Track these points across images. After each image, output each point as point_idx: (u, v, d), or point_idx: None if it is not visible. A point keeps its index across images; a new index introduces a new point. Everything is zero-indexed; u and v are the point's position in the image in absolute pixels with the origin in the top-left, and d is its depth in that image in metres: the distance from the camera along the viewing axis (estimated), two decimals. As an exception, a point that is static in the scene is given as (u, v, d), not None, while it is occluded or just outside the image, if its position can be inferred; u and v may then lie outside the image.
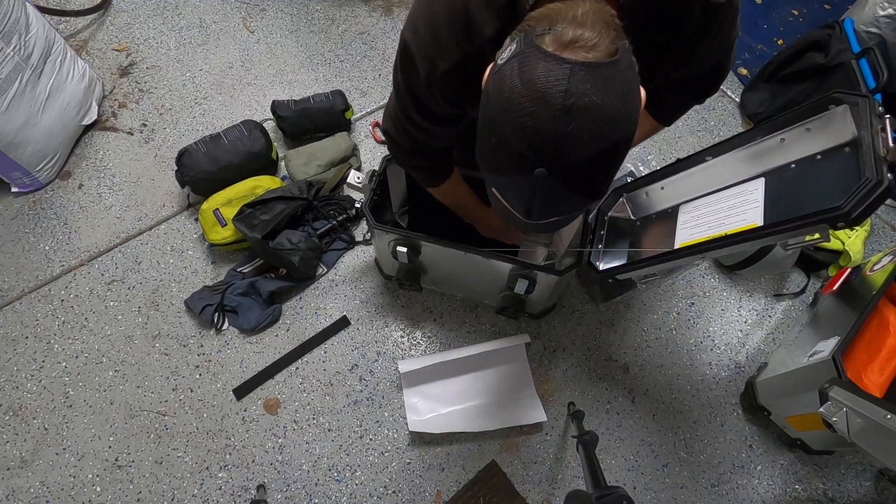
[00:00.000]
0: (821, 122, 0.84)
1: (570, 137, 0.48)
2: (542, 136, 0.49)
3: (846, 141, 0.80)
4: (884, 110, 0.74)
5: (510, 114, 0.50)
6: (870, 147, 0.72)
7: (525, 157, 0.50)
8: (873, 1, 1.56)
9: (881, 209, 1.62)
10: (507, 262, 1.08)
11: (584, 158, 0.50)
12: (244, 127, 1.47)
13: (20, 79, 1.34)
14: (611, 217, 1.21)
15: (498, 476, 1.18)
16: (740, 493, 1.20)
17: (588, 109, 0.48)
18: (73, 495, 1.13)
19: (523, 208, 0.56)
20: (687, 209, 1.05)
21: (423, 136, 0.87)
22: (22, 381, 1.24)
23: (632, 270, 1.04)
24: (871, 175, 0.68)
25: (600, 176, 0.54)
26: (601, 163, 0.52)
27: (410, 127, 0.85)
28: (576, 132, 0.48)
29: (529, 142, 0.49)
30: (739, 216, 0.90)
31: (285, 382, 1.27)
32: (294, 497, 1.15)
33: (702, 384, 1.32)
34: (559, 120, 0.48)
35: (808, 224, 0.73)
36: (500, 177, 0.56)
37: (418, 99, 0.78)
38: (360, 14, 1.92)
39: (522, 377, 1.28)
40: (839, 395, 0.91)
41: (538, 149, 0.50)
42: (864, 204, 0.67)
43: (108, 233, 1.44)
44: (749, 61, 1.93)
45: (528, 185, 0.52)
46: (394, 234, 1.11)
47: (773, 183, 0.90)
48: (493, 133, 0.52)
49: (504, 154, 0.52)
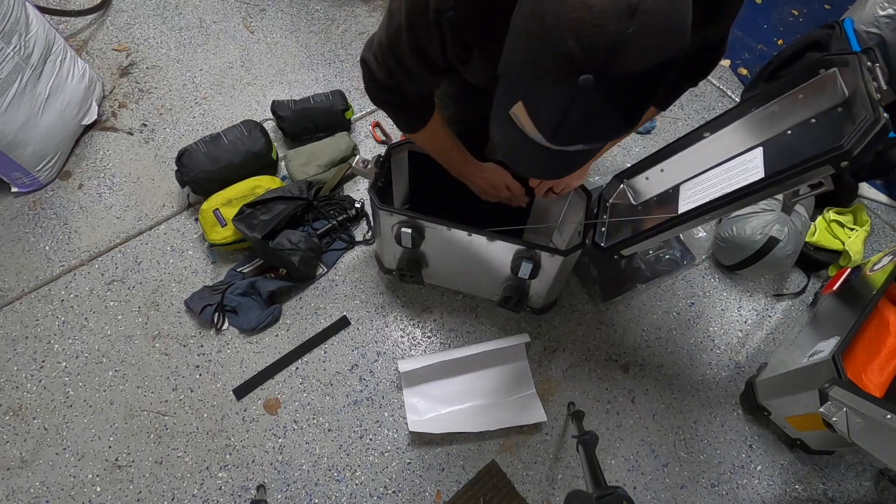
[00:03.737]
0: (812, 88, 0.85)
1: (629, 42, 0.44)
2: (600, 34, 0.44)
3: (838, 102, 0.81)
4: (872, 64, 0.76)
5: (566, 6, 0.44)
6: (864, 93, 0.73)
7: (573, 58, 0.45)
8: (873, 1, 1.56)
9: (881, 209, 1.63)
10: (511, 243, 1.07)
11: (636, 69, 0.46)
12: (244, 127, 1.47)
13: (20, 79, 1.34)
14: (612, 204, 1.20)
15: (498, 476, 1.18)
16: (740, 493, 1.20)
17: (652, 14, 0.44)
18: (73, 495, 1.13)
19: (552, 126, 0.51)
20: (688, 186, 1.03)
21: (406, 81, 0.80)
22: (22, 381, 1.24)
23: (638, 242, 1.02)
24: (868, 115, 0.70)
25: (644, 96, 0.50)
26: (650, 80, 0.48)
27: (394, 63, 0.77)
28: (635, 37, 0.44)
29: (584, 40, 0.44)
30: (741, 182, 0.90)
31: (285, 382, 1.27)
32: (294, 497, 1.15)
33: (702, 384, 1.32)
34: (622, 19, 0.43)
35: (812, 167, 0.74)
36: (534, 83, 0.50)
37: (416, 37, 0.71)
38: (360, 14, 1.92)
39: (522, 377, 1.28)
40: (839, 395, 0.91)
41: (591, 49, 0.45)
42: (864, 140, 0.69)
43: (108, 233, 1.44)
44: (749, 61, 1.93)
45: (567, 95, 0.47)
46: (399, 215, 1.10)
47: (771, 150, 0.90)
48: (539, 30, 0.47)
49: (548, 54, 0.47)
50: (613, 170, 1.54)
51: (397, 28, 0.72)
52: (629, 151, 1.67)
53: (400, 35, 0.72)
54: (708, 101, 1.82)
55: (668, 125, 1.73)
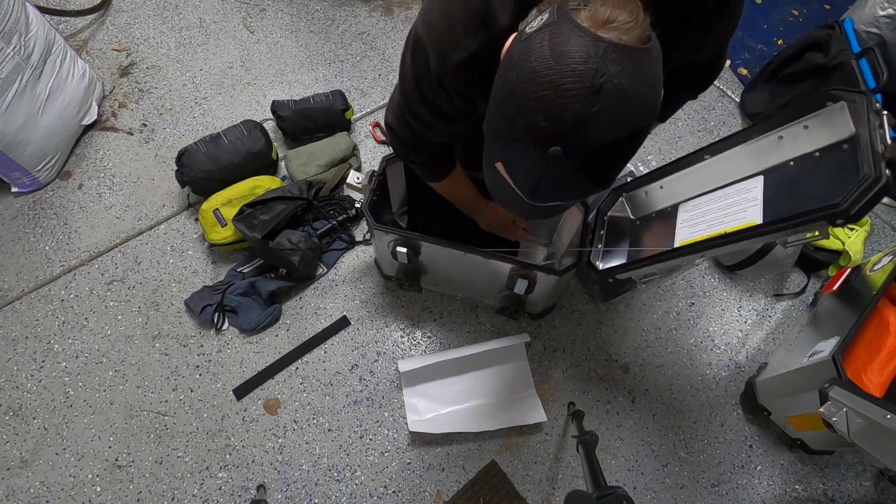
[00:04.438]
0: (819, 120, 0.84)
1: (593, 119, 0.47)
2: (566, 112, 0.47)
3: (844, 138, 0.80)
4: (881, 107, 0.74)
5: (535, 84, 0.48)
6: (868, 144, 0.72)
7: (543, 131, 0.49)
8: (873, 1, 1.56)
9: (881, 209, 1.62)
10: (506, 262, 1.08)
11: (603, 143, 0.49)
12: (244, 127, 1.47)
13: (20, 79, 1.34)
14: (610, 217, 1.21)
15: (498, 476, 1.18)
16: (740, 493, 1.20)
17: (616, 93, 0.47)
18: (73, 495, 1.13)
19: (529, 187, 0.54)
20: (686, 208, 1.05)
21: (426, 132, 0.86)
22: (22, 381, 1.24)
23: (631, 270, 1.04)
24: (869, 172, 0.69)
25: (614, 164, 0.53)
26: (618, 150, 0.51)
27: (414, 122, 0.84)
28: (600, 114, 0.47)
29: (551, 117, 0.48)
30: (738, 214, 0.90)
31: (285, 382, 1.27)
32: (294, 497, 1.15)
33: (702, 384, 1.32)
34: (586, 99, 0.46)
35: (807, 222, 0.73)
36: (510, 149, 0.53)
37: (425, 94, 0.77)
38: (360, 14, 1.92)
39: (522, 377, 1.28)
40: (839, 395, 0.91)
41: (558, 125, 0.48)
42: (862, 201, 0.67)
43: (108, 233, 1.44)
44: (749, 61, 1.93)
45: (540, 163, 0.51)
46: (393, 234, 1.11)
47: (771, 181, 0.90)
48: (512, 102, 0.50)
49: (521, 126, 0.50)
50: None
51: (410, 91, 0.79)
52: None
53: (412, 96, 0.80)
54: (708, 101, 1.82)
55: (668, 125, 1.73)
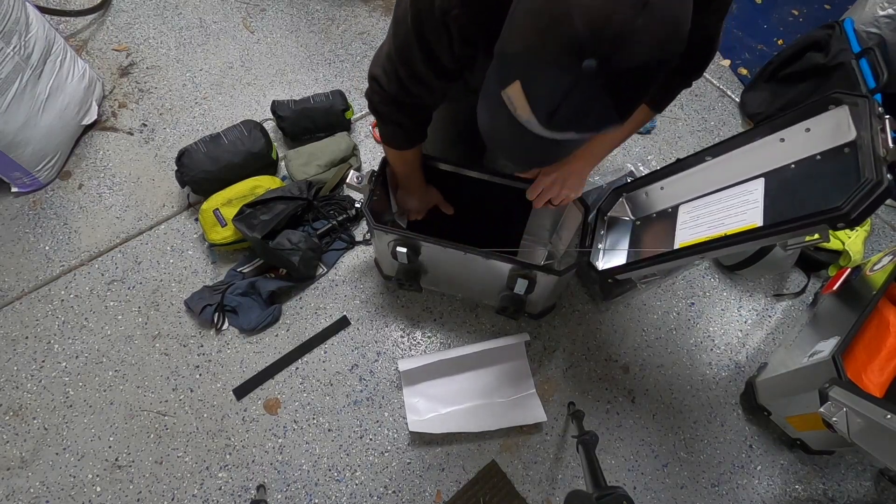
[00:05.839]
0: (820, 123, 0.84)
1: (635, 34, 0.45)
2: (611, 22, 0.45)
3: (846, 142, 0.80)
4: (883, 111, 0.74)
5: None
6: (869, 147, 0.72)
7: (580, 42, 0.46)
8: (873, 1, 1.56)
9: (881, 209, 1.62)
10: (506, 262, 1.08)
11: (637, 62, 0.47)
12: (244, 127, 1.47)
13: (20, 79, 1.34)
14: (610, 217, 1.21)
15: (498, 476, 1.18)
16: (740, 493, 1.20)
17: (662, 10, 0.45)
18: (73, 495, 1.13)
19: (548, 109, 0.51)
20: (686, 209, 1.05)
21: (415, 86, 0.81)
22: (22, 381, 1.24)
23: (631, 270, 1.04)
24: (870, 175, 0.68)
25: (638, 91, 0.52)
26: (647, 75, 0.50)
27: (404, 72, 0.79)
28: (642, 30, 0.45)
29: (593, 25, 0.45)
30: (739, 216, 0.90)
31: (285, 382, 1.27)
32: (294, 497, 1.15)
33: (702, 384, 1.32)
34: (634, 9, 0.44)
35: (808, 225, 0.73)
36: (535, 64, 0.50)
37: (424, 34, 0.72)
38: (360, 14, 1.92)
39: (522, 376, 1.28)
40: (839, 395, 0.91)
41: (599, 35, 0.45)
42: (863, 205, 0.67)
43: (108, 233, 1.44)
44: (749, 61, 1.93)
45: (569, 79, 0.48)
46: (393, 234, 1.11)
47: (772, 183, 0.90)
48: (551, 6, 0.47)
49: (556, 35, 0.47)
50: (613, 170, 1.54)
51: (405, 34, 0.73)
52: (629, 151, 1.66)
53: (409, 40, 0.73)
54: (708, 101, 1.82)
55: (668, 125, 1.73)
